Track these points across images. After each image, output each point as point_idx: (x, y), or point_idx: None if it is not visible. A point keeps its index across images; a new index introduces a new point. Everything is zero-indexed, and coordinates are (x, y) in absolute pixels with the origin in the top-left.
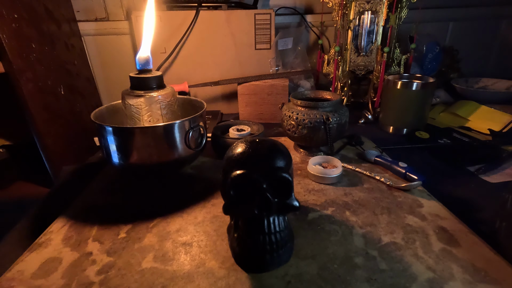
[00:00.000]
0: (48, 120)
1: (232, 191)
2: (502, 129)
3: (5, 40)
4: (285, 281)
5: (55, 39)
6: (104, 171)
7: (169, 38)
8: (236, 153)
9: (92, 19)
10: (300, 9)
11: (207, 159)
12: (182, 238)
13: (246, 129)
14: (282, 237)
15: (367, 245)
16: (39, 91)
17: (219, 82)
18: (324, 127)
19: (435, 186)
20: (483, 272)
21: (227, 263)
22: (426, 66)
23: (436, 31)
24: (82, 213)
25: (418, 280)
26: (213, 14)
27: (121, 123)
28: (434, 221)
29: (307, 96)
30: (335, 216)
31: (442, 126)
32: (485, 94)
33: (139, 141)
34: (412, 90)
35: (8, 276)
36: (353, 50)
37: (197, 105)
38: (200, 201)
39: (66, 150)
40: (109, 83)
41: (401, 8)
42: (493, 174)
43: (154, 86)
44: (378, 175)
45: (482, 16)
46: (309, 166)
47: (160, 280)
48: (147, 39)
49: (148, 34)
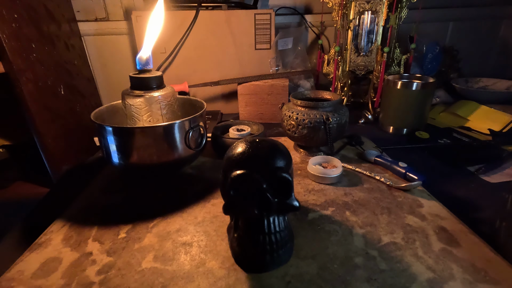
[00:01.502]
0: (48, 120)
1: (232, 191)
2: (502, 129)
3: (5, 40)
4: (285, 281)
5: (55, 39)
6: (104, 171)
7: (169, 38)
8: (236, 153)
9: (92, 19)
10: (300, 9)
11: (207, 159)
12: (182, 238)
13: (246, 129)
14: (282, 237)
15: (367, 245)
16: (39, 91)
17: (219, 82)
18: (324, 127)
19: (435, 186)
20: (483, 272)
21: (227, 263)
22: (426, 66)
23: (436, 31)
24: (82, 213)
25: (418, 280)
26: (213, 14)
27: (121, 123)
28: (434, 221)
29: (307, 96)
30: (335, 216)
31: (442, 126)
32: (485, 94)
33: (139, 141)
34: (412, 90)
35: (8, 276)
36: (353, 50)
37: (197, 105)
38: (200, 201)
39: (66, 150)
40: (109, 83)
41: (401, 8)
42: (493, 174)
43: (154, 86)
44: (378, 175)
45: (482, 16)
46: (309, 166)
47: (160, 280)
48: (151, 39)
49: (152, 34)
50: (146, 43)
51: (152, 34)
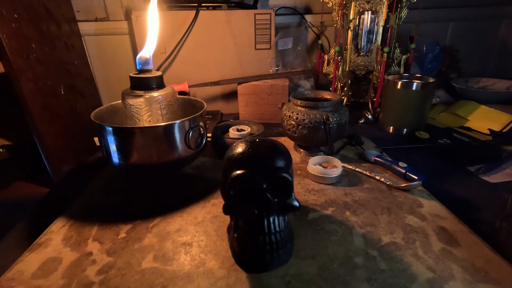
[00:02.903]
0: (48, 120)
1: (232, 191)
2: (502, 129)
3: (5, 40)
4: (285, 281)
5: (55, 39)
6: (104, 171)
7: (169, 38)
8: (236, 153)
9: (92, 19)
10: (300, 9)
11: (207, 159)
12: (182, 238)
13: (246, 129)
14: (282, 237)
15: (367, 245)
16: (39, 91)
17: (219, 82)
18: (324, 127)
19: (435, 186)
20: (483, 272)
21: (227, 263)
22: (426, 66)
23: (436, 31)
24: (82, 213)
25: (418, 280)
26: (213, 14)
27: (121, 123)
28: (434, 221)
29: (307, 96)
30: (335, 216)
31: (442, 126)
32: (485, 94)
33: (139, 141)
34: (412, 90)
35: (8, 276)
36: (353, 50)
37: (197, 105)
38: (200, 201)
39: (66, 150)
40: (109, 83)
41: (401, 8)
42: (493, 174)
43: (154, 86)
44: (378, 175)
45: (482, 16)
46: (309, 166)
47: (160, 280)
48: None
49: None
50: (147, 43)
51: (152, 34)
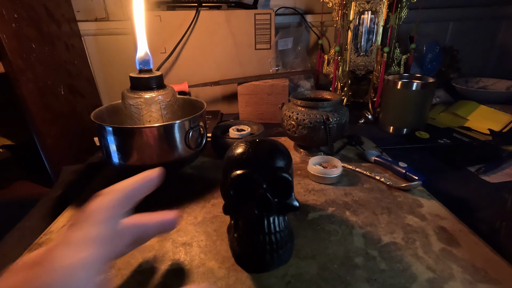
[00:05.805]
0: (48, 120)
1: (232, 191)
2: (502, 129)
3: (5, 40)
4: (285, 281)
5: (55, 39)
6: (104, 171)
7: (169, 38)
8: (236, 153)
9: (92, 19)
10: (300, 9)
11: (207, 159)
12: (182, 238)
13: (246, 129)
14: (282, 237)
15: (367, 245)
16: (39, 91)
17: (219, 82)
18: (324, 127)
19: (435, 186)
20: (483, 272)
21: (227, 263)
22: (426, 66)
23: (436, 31)
24: None
25: (418, 280)
26: (213, 14)
27: (121, 123)
28: (434, 221)
29: (307, 96)
30: (335, 216)
31: (442, 126)
32: (485, 94)
33: (139, 141)
34: (412, 90)
35: None
36: (353, 50)
37: (197, 105)
38: (200, 201)
39: (66, 150)
40: (109, 83)
41: (401, 8)
42: (493, 174)
43: (154, 86)
44: (378, 175)
45: (482, 16)
46: (309, 166)
47: (160, 280)
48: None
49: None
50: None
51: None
